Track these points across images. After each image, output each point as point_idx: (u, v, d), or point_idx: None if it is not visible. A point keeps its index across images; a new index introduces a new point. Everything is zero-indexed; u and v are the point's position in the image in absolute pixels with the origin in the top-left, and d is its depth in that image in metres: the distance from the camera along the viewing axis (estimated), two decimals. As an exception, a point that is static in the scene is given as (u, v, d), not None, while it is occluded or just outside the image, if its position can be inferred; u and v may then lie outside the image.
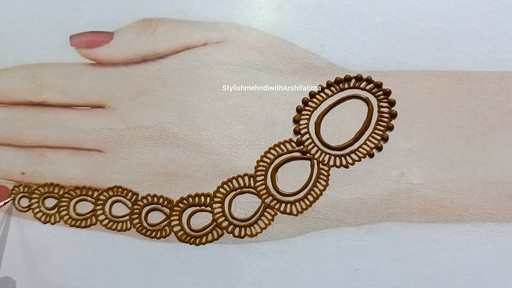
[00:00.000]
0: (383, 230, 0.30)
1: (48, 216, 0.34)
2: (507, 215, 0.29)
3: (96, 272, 0.33)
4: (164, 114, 0.33)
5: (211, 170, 0.32)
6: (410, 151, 0.30)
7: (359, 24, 0.32)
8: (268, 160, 0.32)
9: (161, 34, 0.34)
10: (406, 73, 0.31)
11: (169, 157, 0.33)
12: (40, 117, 0.35)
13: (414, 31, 0.31)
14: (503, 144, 0.29)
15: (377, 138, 0.31)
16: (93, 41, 0.34)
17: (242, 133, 0.32)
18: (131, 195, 0.33)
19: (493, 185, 0.29)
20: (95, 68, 0.34)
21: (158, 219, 0.33)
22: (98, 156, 0.34)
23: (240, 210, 0.32)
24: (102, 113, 0.34)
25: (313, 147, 0.31)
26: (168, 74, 0.33)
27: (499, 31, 0.30)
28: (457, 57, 0.30)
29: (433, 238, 0.29)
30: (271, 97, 0.32)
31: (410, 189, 0.30)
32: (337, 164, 0.31)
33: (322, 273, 0.30)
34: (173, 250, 0.32)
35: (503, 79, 0.30)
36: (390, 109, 0.31)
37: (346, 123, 0.31)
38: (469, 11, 0.31)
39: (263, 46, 0.32)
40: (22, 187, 0.34)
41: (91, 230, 0.33)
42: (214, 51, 0.33)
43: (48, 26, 0.35)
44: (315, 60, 0.32)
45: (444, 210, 0.29)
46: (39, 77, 0.35)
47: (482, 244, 0.29)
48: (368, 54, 0.31)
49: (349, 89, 0.31)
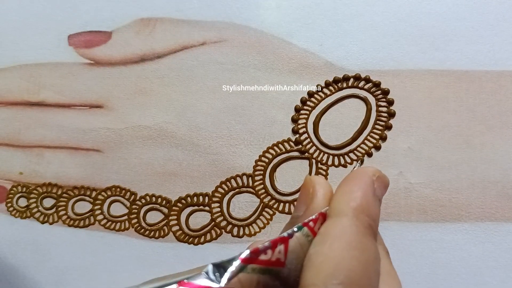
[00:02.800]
0: (382, 229, 0.30)
1: (46, 216, 0.34)
2: (506, 214, 0.29)
3: (94, 272, 0.33)
4: (162, 113, 0.33)
5: (210, 170, 0.32)
6: (409, 150, 0.30)
7: (357, 23, 0.32)
8: (266, 159, 0.32)
9: (159, 33, 0.34)
10: (404, 72, 0.31)
11: (167, 157, 0.33)
12: (38, 117, 0.35)
13: (413, 30, 0.31)
14: (501, 143, 0.29)
15: (375, 138, 0.31)
16: (91, 41, 0.34)
17: (241, 132, 0.32)
18: (129, 195, 0.33)
19: (491, 184, 0.29)
20: (93, 67, 0.34)
21: (156, 219, 0.33)
22: (97, 155, 0.34)
23: (239, 209, 0.32)
24: (100, 113, 0.34)
25: (311, 146, 0.31)
26: (166, 74, 0.33)
27: (497, 30, 0.30)
28: (456, 56, 0.30)
29: (431, 237, 0.29)
30: (270, 97, 0.32)
31: (408, 189, 0.30)
32: (336, 164, 0.31)
33: (321, 272, 0.30)
34: (171, 250, 0.32)
35: (502, 78, 0.30)
36: (389, 108, 0.31)
37: (345, 123, 0.31)
38: (468, 10, 0.31)
39: (262, 45, 0.32)
40: (20, 187, 0.34)
41: (89, 230, 0.33)
42: (213, 50, 0.33)
43: (46, 25, 0.35)
44: (313, 59, 0.32)
45: (442, 209, 0.29)
46: (37, 77, 0.35)
47: (481, 243, 0.29)
48: (366, 53, 0.31)
49: (347, 88, 0.31)
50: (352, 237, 0.18)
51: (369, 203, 0.20)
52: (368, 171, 0.21)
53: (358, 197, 0.19)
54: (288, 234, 0.18)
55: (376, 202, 0.20)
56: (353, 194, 0.20)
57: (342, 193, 0.20)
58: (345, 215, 0.19)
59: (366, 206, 0.19)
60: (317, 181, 0.23)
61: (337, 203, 0.20)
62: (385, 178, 0.22)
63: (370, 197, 0.20)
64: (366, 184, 0.20)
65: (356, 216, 0.19)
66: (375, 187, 0.21)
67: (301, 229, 0.18)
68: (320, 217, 0.20)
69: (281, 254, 0.17)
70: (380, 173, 0.22)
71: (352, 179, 0.21)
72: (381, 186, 0.21)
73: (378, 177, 0.21)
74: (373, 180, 0.21)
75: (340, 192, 0.20)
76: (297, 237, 0.18)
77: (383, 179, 0.22)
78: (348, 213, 0.19)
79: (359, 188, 0.20)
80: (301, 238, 0.18)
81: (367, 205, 0.19)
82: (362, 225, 0.18)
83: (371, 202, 0.20)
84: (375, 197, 0.20)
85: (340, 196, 0.20)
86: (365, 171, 0.22)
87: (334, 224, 0.19)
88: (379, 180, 0.21)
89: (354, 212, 0.19)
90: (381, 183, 0.21)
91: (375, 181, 0.21)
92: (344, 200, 0.20)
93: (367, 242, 0.18)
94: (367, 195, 0.20)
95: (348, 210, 0.19)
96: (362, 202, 0.19)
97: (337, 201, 0.20)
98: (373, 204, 0.20)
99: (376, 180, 0.21)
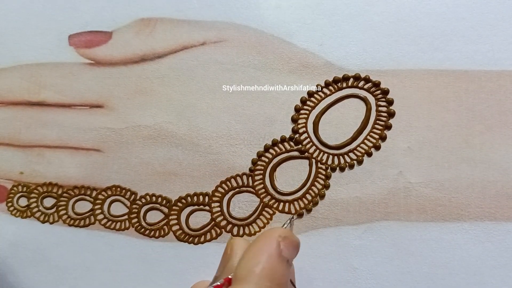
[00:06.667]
0: (382, 229, 0.30)
1: (46, 216, 0.34)
2: (505, 213, 0.29)
3: (94, 271, 0.33)
4: (162, 113, 0.33)
5: (210, 169, 0.32)
6: (408, 150, 0.30)
7: (357, 23, 0.32)
8: (266, 159, 0.32)
9: (159, 33, 0.34)
10: (404, 72, 0.31)
11: (167, 157, 0.33)
12: (38, 116, 0.35)
13: (412, 30, 0.31)
14: (501, 143, 0.29)
15: (375, 137, 0.31)
16: (91, 41, 0.34)
17: (241, 132, 0.32)
18: (129, 195, 0.33)
19: (491, 184, 0.29)
20: (93, 67, 0.34)
21: (156, 219, 0.33)
22: (97, 155, 0.34)
23: (239, 209, 0.32)
24: (101, 113, 0.34)
25: (311, 146, 0.31)
26: (166, 74, 0.33)
27: (497, 30, 0.30)
28: (455, 56, 0.31)
29: (431, 236, 0.29)
30: (270, 97, 0.32)
31: (408, 188, 0.30)
32: (335, 163, 0.31)
33: (321, 272, 0.30)
34: (171, 249, 0.32)
35: (501, 78, 0.30)
36: (388, 108, 0.31)
37: (344, 122, 0.31)
38: (467, 10, 0.31)
39: (262, 45, 0.32)
40: (20, 187, 0.34)
41: (89, 229, 0.33)
42: (213, 50, 0.33)
43: (47, 25, 0.35)
44: (313, 59, 0.32)
45: (442, 208, 0.29)
46: (37, 77, 0.35)
47: (481, 242, 0.29)
48: (366, 53, 0.31)
49: (347, 88, 0.31)
50: None
51: (273, 267, 0.20)
52: (274, 232, 0.21)
53: (261, 262, 0.19)
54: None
55: (283, 264, 0.20)
56: (257, 258, 0.20)
57: (247, 258, 0.20)
58: (246, 282, 0.19)
59: (269, 271, 0.19)
60: (236, 242, 0.23)
61: (241, 269, 0.20)
62: (292, 238, 0.22)
63: (274, 260, 0.20)
64: (271, 247, 0.20)
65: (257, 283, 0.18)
66: (281, 249, 0.21)
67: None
68: (226, 282, 0.20)
69: None
70: (288, 233, 0.22)
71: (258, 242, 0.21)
72: (289, 246, 0.21)
73: (285, 238, 0.21)
74: (279, 242, 0.21)
75: (245, 257, 0.20)
76: None
77: (290, 239, 0.22)
78: (250, 280, 0.19)
79: (263, 252, 0.20)
80: None
81: (270, 269, 0.19)
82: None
83: (275, 265, 0.20)
84: (281, 259, 0.20)
85: (244, 261, 0.20)
86: (270, 233, 0.22)
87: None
88: (286, 241, 0.21)
89: (256, 278, 0.19)
90: (288, 243, 0.21)
91: (281, 242, 0.21)
92: (247, 266, 0.19)
93: None
94: (271, 259, 0.20)
95: (250, 277, 0.19)
96: (265, 267, 0.19)
97: (241, 266, 0.20)
98: (278, 267, 0.20)
99: (283, 241, 0.21)
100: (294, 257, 0.23)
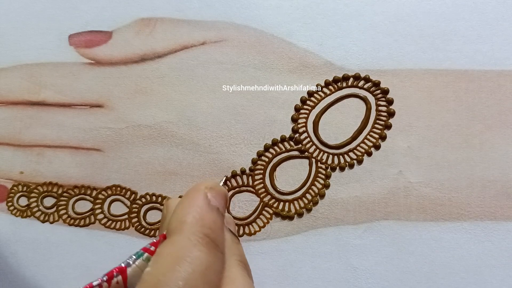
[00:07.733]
0: (382, 229, 0.30)
1: (46, 215, 0.34)
2: (505, 213, 0.29)
3: (95, 271, 0.33)
4: (162, 113, 0.33)
5: (210, 169, 0.32)
6: (408, 149, 0.30)
7: (357, 23, 0.32)
8: (266, 158, 0.32)
9: (159, 33, 0.34)
10: (404, 72, 0.31)
11: (167, 156, 0.33)
12: (38, 116, 0.35)
13: (412, 30, 0.31)
14: (500, 143, 0.30)
15: (375, 137, 0.31)
16: (91, 41, 0.35)
17: (241, 132, 0.32)
18: (129, 194, 0.33)
19: (491, 184, 0.29)
20: (93, 67, 0.34)
21: (156, 218, 0.33)
22: (97, 155, 0.34)
23: (239, 208, 0.32)
24: (101, 113, 0.34)
25: (311, 145, 0.31)
26: (166, 74, 0.33)
27: (496, 30, 0.30)
28: (455, 55, 0.31)
29: (431, 236, 0.29)
30: (270, 96, 0.32)
31: (408, 188, 0.30)
32: (335, 163, 0.31)
33: (321, 271, 0.30)
34: (171, 249, 0.32)
35: (501, 78, 0.30)
36: (388, 108, 0.31)
37: (344, 122, 0.31)
38: (467, 10, 0.31)
39: (262, 45, 0.33)
40: (21, 186, 0.34)
41: (89, 229, 0.33)
42: (213, 50, 0.33)
43: (47, 25, 0.35)
44: (313, 59, 0.32)
45: (442, 208, 0.29)
46: (37, 77, 0.35)
47: (480, 242, 0.29)
48: (366, 53, 0.31)
49: (347, 88, 0.31)
50: (180, 251, 0.18)
51: (203, 215, 0.20)
52: (200, 185, 0.22)
53: (190, 212, 0.20)
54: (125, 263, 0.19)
55: (213, 212, 0.21)
56: (186, 210, 0.20)
57: (177, 211, 0.21)
58: (178, 232, 0.19)
59: (199, 218, 0.20)
60: (169, 202, 0.24)
61: (173, 222, 0.20)
62: (218, 187, 0.23)
63: (203, 208, 0.20)
64: (199, 198, 0.21)
65: (189, 230, 0.19)
66: (209, 198, 0.21)
67: (142, 256, 0.19)
68: (161, 238, 0.20)
69: (119, 285, 0.18)
70: (214, 184, 0.23)
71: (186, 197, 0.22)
72: (216, 196, 0.22)
73: (211, 188, 0.22)
74: (205, 193, 0.21)
75: (175, 212, 0.21)
76: (137, 264, 0.19)
77: (217, 189, 0.22)
78: (181, 229, 0.19)
79: (191, 204, 0.21)
80: (142, 265, 0.19)
81: (200, 217, 0.20)
82: (195, 238, 0.19)
83: (205, 213, 0.20)
84: (211, 207, 0.21)
85: (175, 214, 0.21)
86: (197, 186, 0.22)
87: (166, 243, 0.19)
88: (213, 191, 0.22)
89: (187, 227, 0.19)
90: (216, 192, 0.22)
91: (209, 193, 0.21)
92: (178, 218, 0.20)
93: (198, 253, 0.18)
94: (200, 208, 0.20)
95: (182, 227, 0.19)
96: (195, 216, 0.20)
97: (172, 220, 0.20)
98: (208, 214, 0.20)
99: (210, 191, 0.22)
100: (224, 206, 0.23)
